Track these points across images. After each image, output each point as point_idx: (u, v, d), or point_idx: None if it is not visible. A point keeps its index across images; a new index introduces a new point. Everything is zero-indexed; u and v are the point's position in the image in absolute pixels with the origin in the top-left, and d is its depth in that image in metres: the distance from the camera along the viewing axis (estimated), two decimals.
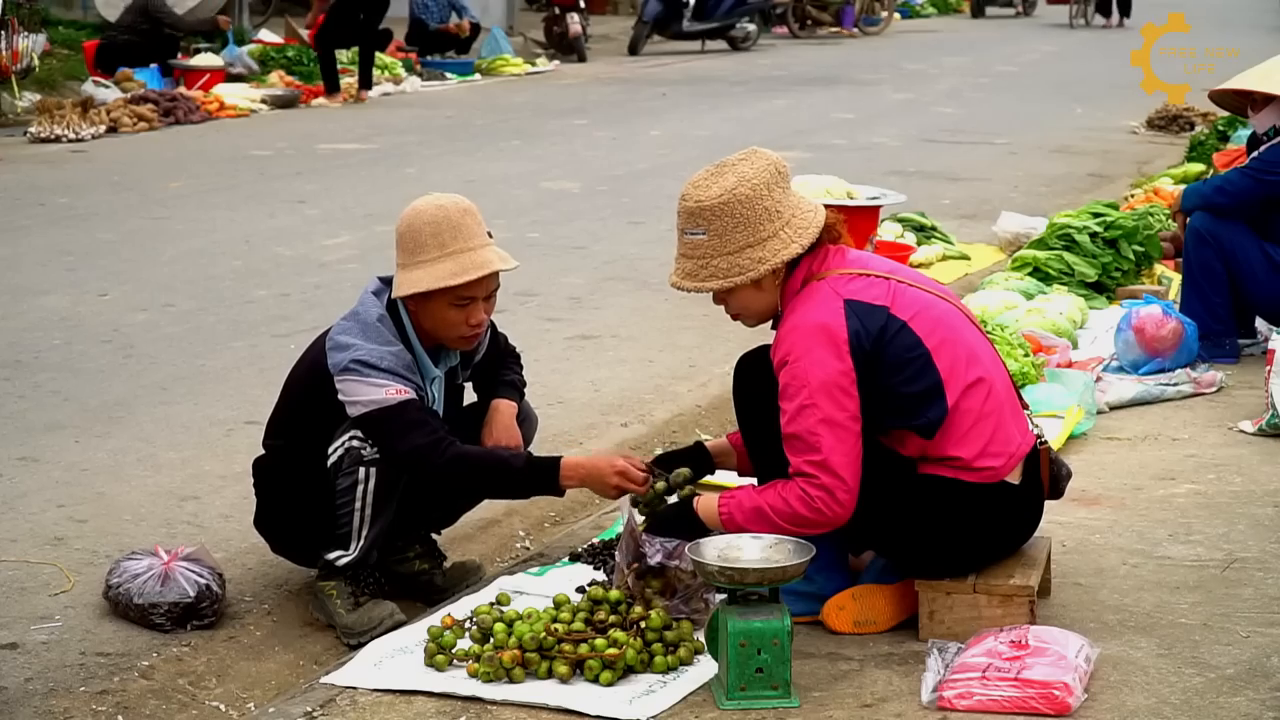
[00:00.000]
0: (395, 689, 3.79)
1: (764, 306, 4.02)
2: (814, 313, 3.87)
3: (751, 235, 3.90)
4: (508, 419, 4.49)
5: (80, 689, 4.01)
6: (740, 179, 3.90)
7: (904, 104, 17.01)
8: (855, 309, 3.87)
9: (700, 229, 3.92)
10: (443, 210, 4.20)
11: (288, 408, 4.44)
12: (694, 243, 3.94)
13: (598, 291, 8.51)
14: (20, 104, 15.00)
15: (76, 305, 7.99)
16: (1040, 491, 4.08)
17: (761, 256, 3.90)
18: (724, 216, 3.89)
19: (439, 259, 4.15)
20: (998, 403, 3.97)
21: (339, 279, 8.47)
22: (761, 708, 3.62)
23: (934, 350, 3.90)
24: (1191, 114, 14.43)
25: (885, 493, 3.91)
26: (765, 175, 3.91)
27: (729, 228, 3.89)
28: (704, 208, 3.90)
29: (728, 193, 3.89)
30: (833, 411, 3.81)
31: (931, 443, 3.91)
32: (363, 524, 4.24)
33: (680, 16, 22.91)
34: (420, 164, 12.74)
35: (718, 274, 3.92)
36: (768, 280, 3.95)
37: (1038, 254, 7.75)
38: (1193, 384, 6.21)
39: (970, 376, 3.92)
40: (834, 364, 3.82)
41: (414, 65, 19.10)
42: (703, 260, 3.93)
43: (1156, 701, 3.61)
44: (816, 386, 3.81)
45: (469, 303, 4.21)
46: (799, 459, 3.83)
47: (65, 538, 4.95)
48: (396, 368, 4.16)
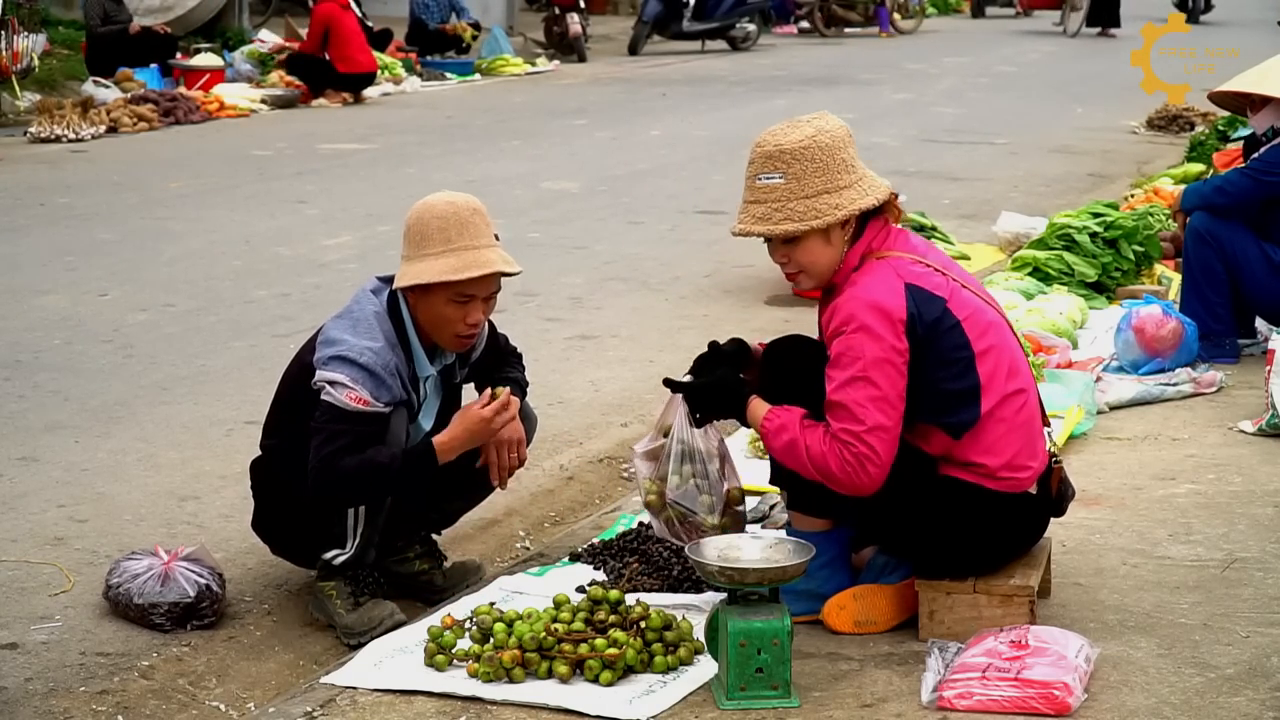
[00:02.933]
0: (395, 689, 3.79)
1: (827, 263, 3.98)
2: (875, 288, 3.87)
3: (829, 182, 3.90)
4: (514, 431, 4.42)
5: (80, 689, 4.01)
6: (819, 129, 3.94)
7: (904, 104, 17.00)
8: (915, 293, 3.88)
9: (777, 172, 3.92)
10: (453, 206, 4.22)
11: (280, 407, 4.44)
12: (768, 187, 3.93)
13: (598, 291, 8.51)
14: (20, 104, 15.00)
15: (76, 305, 7.99)
16: (1049, 504, 4.09)
17: (838, 203, 3.90)
18: (804, 160, 3.90)
19: (443, 253, 4.16)
20: (1029, 416, 3.98)
21: (339, 279, 8.47)
22: (761, 708, 3.62)
23: (979, 355, 3.90)
24: (1191, 114, 14.42)
25: (904, 489, 3.91)
26: (842, 131, 3.97)
27: (808, 171, 3.90)
28: (784, 150, 3.91)
29: (809, 139, 3.91)
30: (884, 387, 3.81)
31: (958, 445, 3.91)
32: (357, 521, 4.24)
33: (680, 16, 22.91)
34: (420, 164, 12.74)
35: (793, 217, 3.90)
36: (836, 235, 3.94)
37: (1038, 254, 7.75)
38: (1193, 384, 6.21)
39: (1011, 387, 3.93)
40: (890, 341, 3.82)
41: (414, 65, 19.10)
42: (777, 204, 3.92)
43: (1156, 701, 3.61)
44: (870, 360, 3.80)
45: (468, 301, 4.21)
46: (840, 425, 3.82)
47: (65, 538, 4.96)
48: (374, 366, 4.14)
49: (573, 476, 5.75)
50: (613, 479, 5.77)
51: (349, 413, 4.11)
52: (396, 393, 4.19)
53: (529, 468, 5.37)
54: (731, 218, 4.05)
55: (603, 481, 5.74)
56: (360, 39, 16.95)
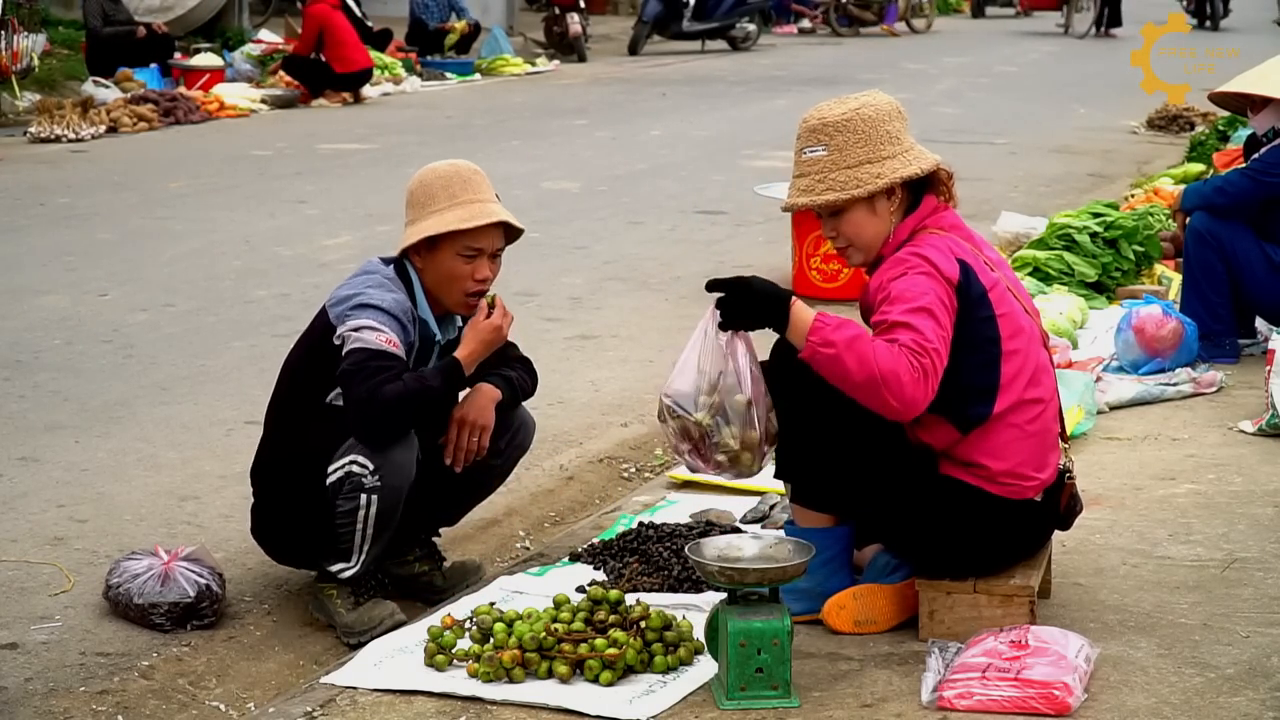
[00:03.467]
0: (395, 689, 3.79)
1: (874, 235, 3.97)
2: (930, 250, 3.87)
3: (872, 152, 3.93)
4: (483, 399, 4.36)
5: (80, 689, 4.01)
6: (865, 103, 3.98)
7: (904, 104, 16.89)
8: (965, 268, 3.89)
9: (821, 144, 3.95)
10: (454, 167, 4.33)
11: (286, 386, 4.41)
12: (812, 159, 3.96)
13: (598, 291, 8.51)
14: (20, 104, 15.00)
15: (76, 305, 7.99)
16: (1055, 515, 4.08)
17: (880, 172, 3.92)
18: (846, 132, 3.93)
19: (449, 208, 4.23)
20: (1042, 428, 3.97)
21: (339, 279, 8.36)
22: (761, 708, 3.61)
23: (1006, 354, 3.89)
24: (1191, 114, 14.42)
25: (904, 487, 3.91)
26: (889, 106, 4.01)
27: (850, 143, 3.93)
28: (827, 123, 3.95)
29: (852, 111, 3.96)
30: (945, 325, 3.77)
31: (963, 442, 3.89)
32: (364, 541, 4.22)
33: (680, 16, 22.91)
34: (420, 164, 12.55)
35: (835, 186, 3.92)
36: (882, 205, 3.95)
37: (1038, 254, 7.75)
38: (1193, 384, 6.20)
39: (1030, 394, 3.92)
40: (945, 290, 3.82)
41: (414, 65, 19.10)
42: (820, 175, 3.94)
43: (1156, 701, 3.61)
44: (934, 298, 3.78)
45: (476, 256, 4.24)
46: (910, 336, 3.71)
47: (65, 538, 4.96)
48: (396, 311, 4.18)
49: (573, 476, 5.75)
50: (613, 479, 5.77)
51: (381, 351, 4.11)
52: (413, 339, 4.24)
53: (528, 467, 5.39)
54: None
55: (603, 481, 5.74)
56: (354, 37, 16.94)
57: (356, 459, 4.14)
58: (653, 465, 5.87)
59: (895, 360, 3.68)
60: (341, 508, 4.17)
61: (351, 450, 4.15)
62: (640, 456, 5.98)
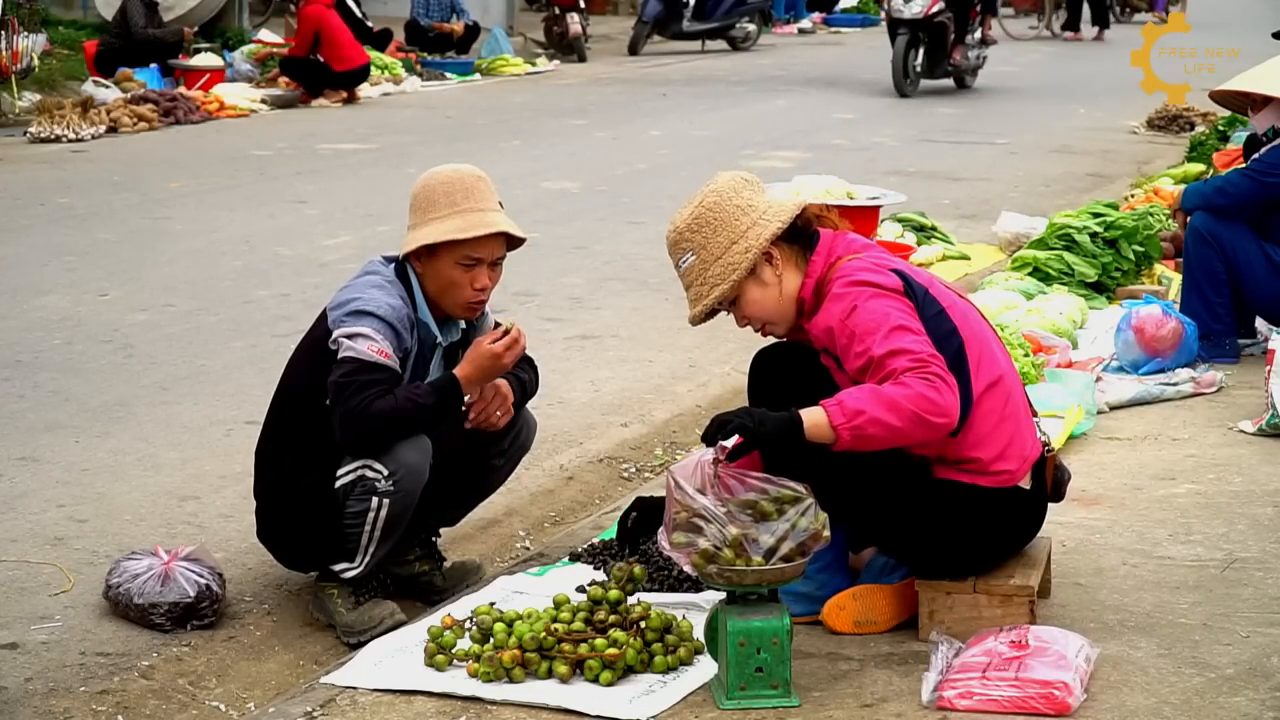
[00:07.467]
0: (395, 689, 3.79)
1: (777, 303, 3.99)
2: (862, 274, 3.88)
3: (732, 233, 3.94)
4: (506, 390, 4.37)
5: (80, 689, 4.01)
6: (705, 194, 4.00)
7: (904, 104, 17.00)
8: (900, 274, 3.90)
9: (688, 252, 3.99)
10: (458, 173, 4.31)
11: (289, 387, 4.40)
12: (688, 269, 4.00)
13: (598, 291, 8.51)
14: (20, 104, 14.99)
15: (76, 305, 7.99)
16: (1045, 495, 4.09)
17: (746, 246, 3.93)
18: (702, 229, 3.96)
19: (449, 215, 4.21)
20: (1016, 406, 3.98)
21: (339, 279, 8.35)
22: (761, 707, 3.62)
23: (966, 342, 3.90)
24: (1191, 114, 14.42)
25: (900, 495, 3.91)
26: (729, 183, 4.00)
27: (710, 237, 3.95)
28: (680, 230, 3.99)
29: (698, 208, 3.98)
30: (919, 330, 3.78)
31: (953, 441, 3.89)
32: (371, 543, 4.23)
33: (680, 16, 22.89)
34: (420, 164, 12.63)
35: (715, 281, 3.95)
36: (767, 273, 3.96)
37: (1038, 254, 7.75)
38: (1193, 384, 6.20)
39: (991, 375, 3.93)
40: (899, 300, 3.83)
41: (414, 65, 19.10)
42: (700, 279, 3.98)
43: (1156, 701, 3.61)
44: (895, 314, 3.79)
45: (475, 265, 4.23)
46: (902, 364, 3.70)
47: (65, 538, 4.95)
48: (393, 319, 4.17)
49: (573, 476, 5.75)
50: (613, 479, 5.77)
51: (372, 363, 4.11)
52: (410, 346, 4.22)
53: (528, 467, 5.38)
54: None
55: (603, 481, 5.74)
56: (348, 35, 16.91)
57: (370, 463, 4.15)
58: (653, 465, 5.87)
59: (910, 388, 3.69)
60: (352, 508, 4.18)
61: (363, 454, 4.16)
62: (640, 456, 5.98)
